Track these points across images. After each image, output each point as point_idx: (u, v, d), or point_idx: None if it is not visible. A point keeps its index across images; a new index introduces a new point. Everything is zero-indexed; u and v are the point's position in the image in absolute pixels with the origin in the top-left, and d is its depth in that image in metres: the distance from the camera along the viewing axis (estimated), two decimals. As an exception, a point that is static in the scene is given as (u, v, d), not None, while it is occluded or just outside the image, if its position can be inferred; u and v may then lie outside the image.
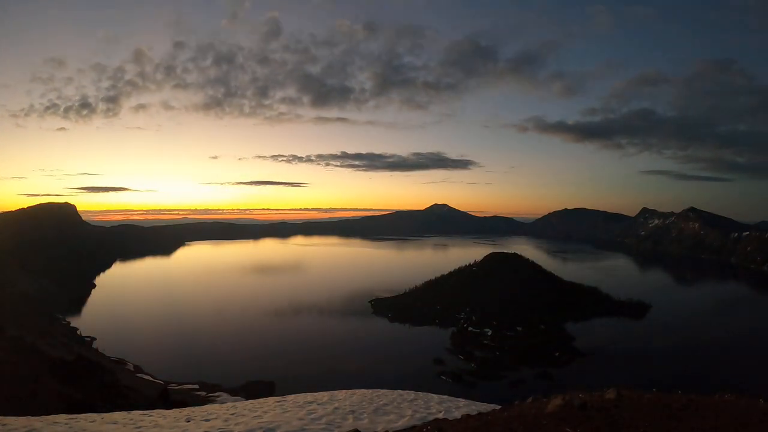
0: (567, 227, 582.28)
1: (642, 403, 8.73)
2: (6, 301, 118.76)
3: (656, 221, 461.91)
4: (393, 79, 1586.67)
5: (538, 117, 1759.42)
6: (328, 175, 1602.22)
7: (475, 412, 12.07)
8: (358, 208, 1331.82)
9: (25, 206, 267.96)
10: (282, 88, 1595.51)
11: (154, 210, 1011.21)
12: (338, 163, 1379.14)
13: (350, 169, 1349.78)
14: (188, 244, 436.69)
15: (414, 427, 11.28)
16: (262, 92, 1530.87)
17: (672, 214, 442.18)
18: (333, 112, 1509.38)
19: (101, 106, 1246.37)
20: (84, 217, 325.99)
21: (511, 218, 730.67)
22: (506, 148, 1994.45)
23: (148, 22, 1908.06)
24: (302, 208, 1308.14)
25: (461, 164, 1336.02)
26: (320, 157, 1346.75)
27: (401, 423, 12.54)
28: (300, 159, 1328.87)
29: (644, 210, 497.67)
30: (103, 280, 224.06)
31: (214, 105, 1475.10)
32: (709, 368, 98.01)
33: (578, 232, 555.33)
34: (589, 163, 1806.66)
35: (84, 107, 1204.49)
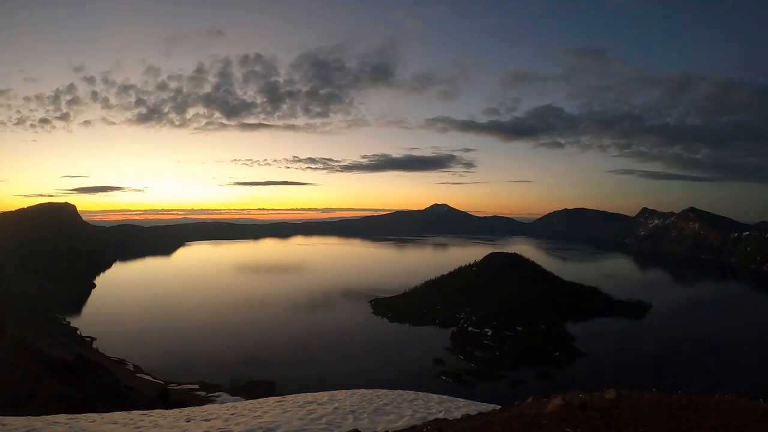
0: (567, 227, 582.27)
1: (642, 403, 8.73)
2: (6, 301, 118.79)
3: (656, 221, 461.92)
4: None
5: (450, 118, 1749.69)
6: (329, 176, 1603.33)
7: (475, 412, 12.07)
8: (358, 208, 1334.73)
9: (25, 206, 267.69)
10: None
11: (154, 210, 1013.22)
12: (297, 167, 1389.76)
13: (351, 170, 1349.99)
14: (188, 244, 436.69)
15: (414, 427, 11.28)
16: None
17: (672, 214, 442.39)
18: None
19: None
20: (84, 217, 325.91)
21: (511, 218, 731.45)
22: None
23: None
24: (302, 208, 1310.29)
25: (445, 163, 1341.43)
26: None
27: (401, 423, 12.54)
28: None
29: (644, 210, 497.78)
30: (103, 280, 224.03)
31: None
32: (709, 368, 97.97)
33: (578, 232, 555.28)
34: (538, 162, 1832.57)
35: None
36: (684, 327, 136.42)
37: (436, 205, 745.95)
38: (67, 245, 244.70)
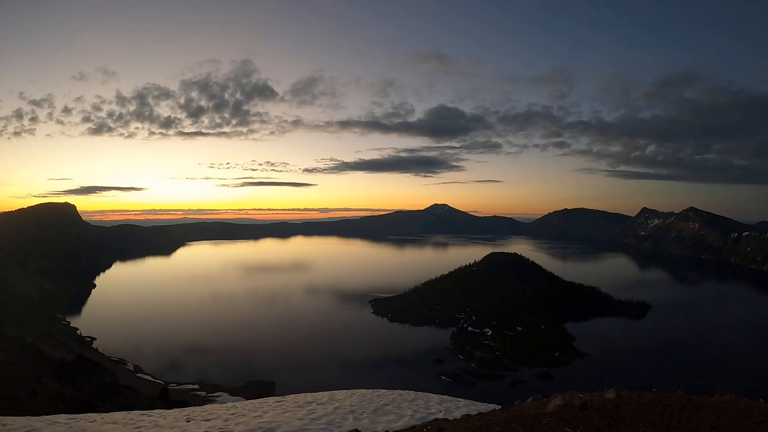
0: (567, 227, 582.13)
1: (642, 403, 8.74)
2: (6, 301, 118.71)
3: (656, 221, 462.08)
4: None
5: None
6: (329, 176, 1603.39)
7: (475, 412, 12.07)
8: (358, 208, 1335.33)
9: (25, 206, 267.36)
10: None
11: (154, 210, 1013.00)
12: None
13: (350, 170, 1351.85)
14: (188, 244, 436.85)
15: (414, 427, 11.27)
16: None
17: (672, 214, 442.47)
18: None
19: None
20: (83, 217, 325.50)
21: (511, 218, 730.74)
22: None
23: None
24: (302, 208, 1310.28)
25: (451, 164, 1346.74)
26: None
27: (401, 423, 12.53)
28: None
29: (644, 210, 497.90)
30: (103, 280, 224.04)
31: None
32: (709, 368, 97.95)
33: (578, 232, 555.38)
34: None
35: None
36: (684, 327, 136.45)
37: (436, 205, 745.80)
38: (67, 245, 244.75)
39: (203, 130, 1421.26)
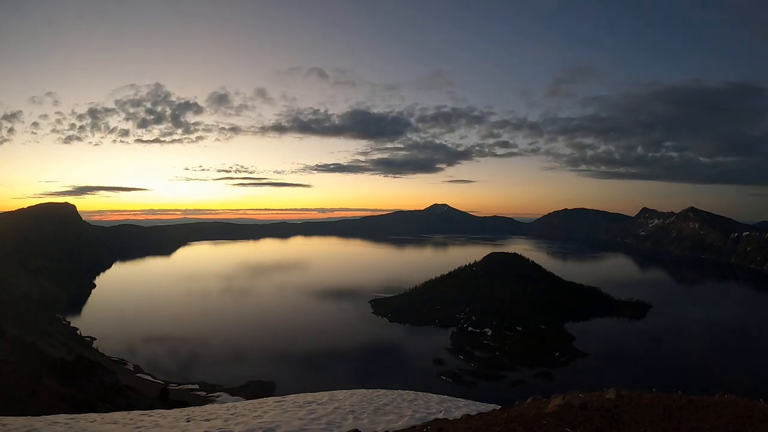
0: (567, 227, 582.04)
1: (642, 403, 8.74)
2: (6, 301, 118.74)
3: (656, 221, 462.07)
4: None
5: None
6: (329, 176, 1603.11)
7: (475, 412, 12.07)
8: (358, 208, 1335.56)
9: (25, 206, 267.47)
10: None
11: (154, 210, 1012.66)
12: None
13: (350, 170, 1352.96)
14: (188, 244, 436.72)
15: (414, 427, 11.27)
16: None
17: (672, 214, 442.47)
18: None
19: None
20: (84, 217, 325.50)
21: (511, 218, 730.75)
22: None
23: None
24: (302, 208, 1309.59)
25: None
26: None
27: (401, 423, 12.53)
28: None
29: (644, 210, 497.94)
30: (103, 280, 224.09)
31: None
32: (709, 368, 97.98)
33: (578, 232, 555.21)
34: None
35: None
36: (684, 327, 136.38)
37: (436, 205, 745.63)
38: (67, 245, 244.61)
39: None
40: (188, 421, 14.28)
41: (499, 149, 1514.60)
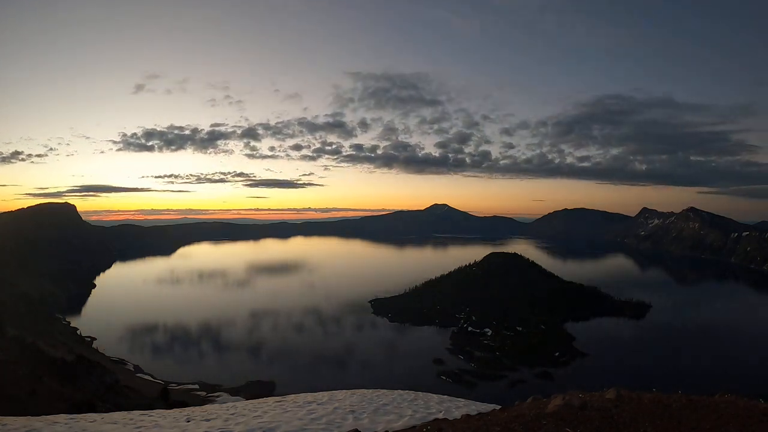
0: (567, 227, 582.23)
1: (642, 403, 8.73)
2: (6, 301, 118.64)
3: (656, 221, 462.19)
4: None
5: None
6: (329, 176, 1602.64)
7: (475, 412, 12.06)
8: (358, 208, 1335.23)
9: (26, 206, 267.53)
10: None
11: (154, 210, 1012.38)
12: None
13: (350, 169, 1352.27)
14: (188, 245, 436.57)
15: (414, 427, 11.26)
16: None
17: (672, 214, 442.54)
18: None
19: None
20: (84, 217, 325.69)
21: (511, 218, 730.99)
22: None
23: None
24: (302, 208, 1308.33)
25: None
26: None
27: (401, 423, 12.52)
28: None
29: (644, 210, 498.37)
30: (103, 280, 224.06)
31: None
32: (709, 368, 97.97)
33: (578, 232, 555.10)
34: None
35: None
36: (684, 327, 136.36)
37: (436, 205, 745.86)
38: (67, 245, 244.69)
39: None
40: (188, 421, 14.28)
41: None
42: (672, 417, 7.85)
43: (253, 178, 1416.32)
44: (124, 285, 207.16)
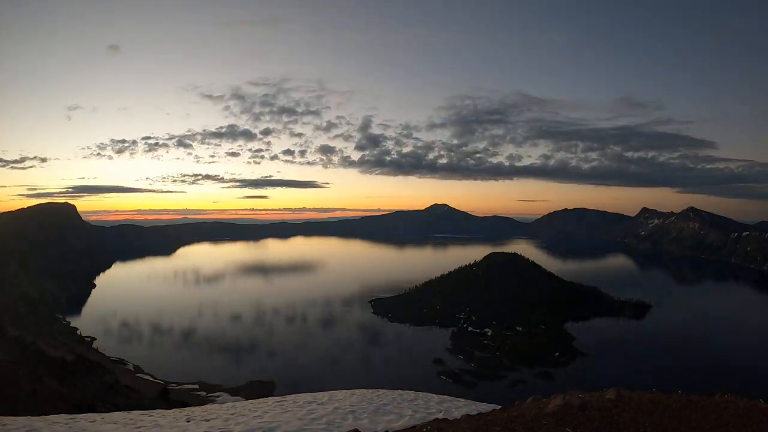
0: (567, 227, 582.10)
1: (642, 403, 8.73)
2: (6, 301, 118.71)
3: (656, 221, 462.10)
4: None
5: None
6: (329, 176, 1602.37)
7: (475, 412, 12.06)
8: (358, 208, 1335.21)
9: (25, 206, 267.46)
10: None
11: (154, 210, 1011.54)
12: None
13: (351, 169, 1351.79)
14: (188, 245, 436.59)
15: (414, 427, 11.26)
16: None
17: (672, 214, 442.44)
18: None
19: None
20: (84, 217, 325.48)
21: (511, 218, 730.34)
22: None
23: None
24: (302, 208, 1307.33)
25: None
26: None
27: (401, 423, 12.52)
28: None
29: (644, 210, 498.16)
30: (103, 280, 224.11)
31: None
32: (709, 368, 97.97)
33: (578, 232, 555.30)
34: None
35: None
36: (684, 327, 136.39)
37: (436, 205, 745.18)
38: (67, 245, 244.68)
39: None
40: (188, 421, 14.28)
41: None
42: (672, 417, 7.86)
43: (254, 178, 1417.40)
44: (124, 285, 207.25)
